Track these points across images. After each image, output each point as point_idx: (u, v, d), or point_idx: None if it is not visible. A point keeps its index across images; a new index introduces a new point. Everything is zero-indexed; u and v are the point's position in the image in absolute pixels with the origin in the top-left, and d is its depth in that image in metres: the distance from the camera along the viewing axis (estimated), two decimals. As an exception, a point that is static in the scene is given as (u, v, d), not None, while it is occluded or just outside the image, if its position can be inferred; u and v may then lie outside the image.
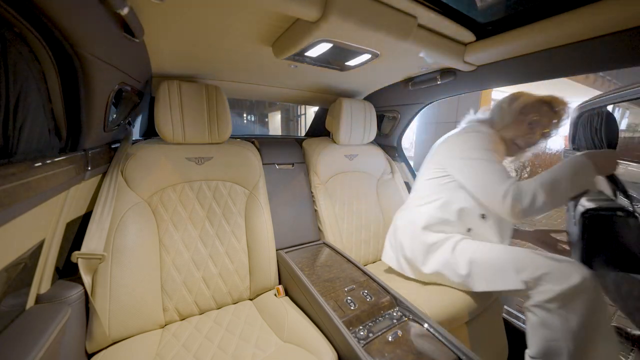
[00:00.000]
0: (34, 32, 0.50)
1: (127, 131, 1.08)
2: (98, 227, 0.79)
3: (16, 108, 0.48)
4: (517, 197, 0.86)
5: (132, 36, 0.65)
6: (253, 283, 1.09)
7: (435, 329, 0.77)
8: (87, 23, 0.54)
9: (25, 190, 0.48)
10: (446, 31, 0.84)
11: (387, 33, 0.73)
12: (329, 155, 1.42)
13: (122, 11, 0.54)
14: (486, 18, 0.82)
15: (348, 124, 1.40)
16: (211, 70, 1.11)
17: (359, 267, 1.06)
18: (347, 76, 1.21)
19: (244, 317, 0.97)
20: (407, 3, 0.69)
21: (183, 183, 1.03)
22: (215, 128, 1.04)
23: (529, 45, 0.80)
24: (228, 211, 1.09)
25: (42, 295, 0.69)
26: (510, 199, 0.86)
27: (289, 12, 0.64)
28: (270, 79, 1.25)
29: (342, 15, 0.64)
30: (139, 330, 0.86)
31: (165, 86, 0.96)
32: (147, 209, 0.95)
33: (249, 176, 1.14)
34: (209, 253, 1.03)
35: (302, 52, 0.85)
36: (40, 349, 0.54)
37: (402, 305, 0.87)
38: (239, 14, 0.70)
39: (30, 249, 0.60)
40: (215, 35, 0.81)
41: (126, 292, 0.84)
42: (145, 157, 0.96)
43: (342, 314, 0.81)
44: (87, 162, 0.73)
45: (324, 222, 1.34)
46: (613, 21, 0.64)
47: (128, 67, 0.78)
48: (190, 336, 0.87)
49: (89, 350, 0.78)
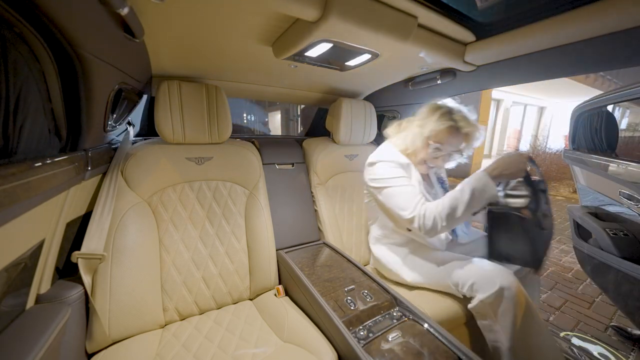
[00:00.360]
0: (34, 32, 0.50)
1: (127, 131, 1.09)
2: (98, 227, 0.79)
3: (16, 108, 0.48)
4: (420, 221, 0.94)
5: (132, 36, 0.65)
6: (253, 283, 1.09)
7: (435, 329, 0.77)
8: (87, 23, 0.54)
9: (25, 190, 0.48)
10: (446, 31, 0.84)
11: (387, 33, 0.73)
12: (329, 156, 1.42)
13: (122, 11, 0.54)
14: (486, 18, 0.82)
15: (348, 124, 1.40)
16: (211, 70, 1.11)
17: (359, 267, 1.06)
18: (347, 76, 1.21)
19: (244, 317, 0.97)
20: (407, 3, 0.69)
21: (183, 183, 1.03)
22: (215, 128, 1.04)
23: (529, 45, 0.80)
24: (228, 211, 1.09)
25: (42, 295, 0.69)
26: (415, 224, 0.95)
27: (289, 12, 0.64)
28: (270, 79, 1.25)
29: (342, 15, 0.64)
30: (139, 330, 0.86)
31: (165, 86, 0.96)
32: (147, 209, 0.95)
33: (249, 176, 1.14)
34: (209, 253, 1.03)
35: (302, 52, 0.85)
36: (40, 349, 0.54)
37: (402, 305, 0.87)
38: (239, 14, 0.70)
39: (30, 249, 0.60)
40: (215, 35, 0.81)
41: (126, 292, 0.84)
42: (145, 157, 0.96)
43: (342, 314, 0.81)
44: (87, 162, 0.73)
45: (324, 222, 1.34)
46: (613, 21, 0.64)
47: (128, 67, 0.78)
48: (190, 336, 0.87)
49: (89, 350, 0.78)
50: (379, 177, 1.06)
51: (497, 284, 0.86)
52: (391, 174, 1.04)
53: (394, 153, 1.11)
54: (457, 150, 1.09)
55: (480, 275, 0.91)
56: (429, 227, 0.92)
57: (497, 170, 0.90)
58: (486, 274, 0.90)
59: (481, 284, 0.89)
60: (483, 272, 0.91)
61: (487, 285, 0.87)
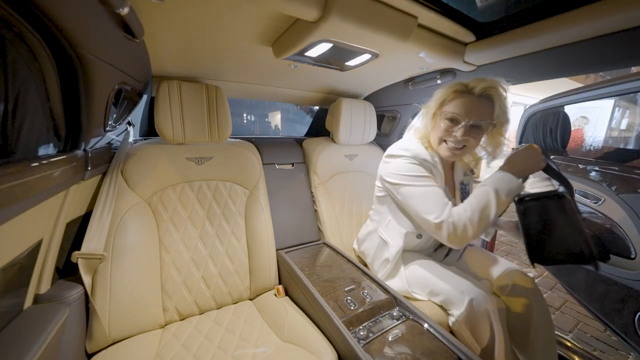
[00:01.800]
0: (34, 32, 0.50)
1: (127, 131, 1.09)
2: (98, 227, 0.79)
3: (15, 108, 0.48)
4: (449, 228, 0.82)
5: (132, 36, 0.65)
6: (253, 283, 1.09)
7: (435, 329, 0.77)
8: (87, 23, 0.54)
9: (23, 190, 0.48)
10: (446, 31, 0.84)
11: (387, 33, 0.73)
12: (329, 155, 1.42)
13: (122, 11, 0.54)
14: (486, 18, 0.82)
15: (348, 124, 1.40)
16: (211, 70, 1.11)
17: (359, 267, 1.06)
18: (347, 76, 1.21)
19: (244, 317, 0.97)
20: (407, 3, 0.69)
21: (183, 183, 1.03)
22: (215, 128, 1.04)
23: (529, 45, 0.80)
24: (228, 211, 1.09)
25: (42, 295, 0.69)
26: (444, 232, 0.83)
27: (289, 12, 0.64)
28: (270, 79, 1.25)
29: (342, 15, 0.64)
30: (139, 330, 0.86)
31: (165, 86, 0.96)
32: (147, 209, 0.95)
33: (249, 176, 1.14)
34: (209, 253, 1.03)
35: (302, 52, 0.85)
36: (38, 349, 0.54)
37: (402, 305, 0.87)
38: (239, 14, 0.70)
39: (27, 249, 0.60)
40: (215, 35, 0.81)
41: (126, 292, 0.84)
42: (145, 157, 0.96)
43: (342, 314, 0.81)
44: (87, 162, 0.73)
45: (324, 222, 1.34)
46: (613, 21, 0.64)
47: (128, 67, 0.78)
48: (190, 336, 0.87)
49: (89, 350, 0.78)
50: (399, 173, 0.95)
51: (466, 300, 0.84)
52: (414, 170, 0.93)
53: (417, 147, 0.98)
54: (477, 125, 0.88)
55: (450, 293, 0.89)
56: (460, 234, 0.81)
57: (517, 166, 0.81)
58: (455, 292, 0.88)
59: (451, 300, 0.88)
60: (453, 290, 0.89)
61: (457, 302, 0.86)
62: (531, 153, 0.83)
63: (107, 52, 0.64)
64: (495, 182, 0.81)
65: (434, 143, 0.97)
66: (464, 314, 0.84)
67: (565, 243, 0.73)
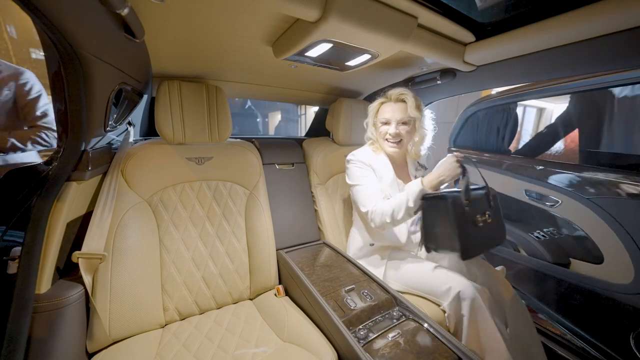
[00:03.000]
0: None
1: (127, 131, 1.09)
2: (98, 227, 0.79)
3: None
4: (371, 216, 1.05)
5: (132, 36, 0.65)
6: (253, 283, 1.09)
7: (435, 328, 0.77)
8: (87, 23, 0.54)
9: None
10: (446, 31, 0.84)
11: (387, 33, 0.73)
12: (329, 156, 1.42)
13: (123, 12, 0.54)
14: (486, 18, 0.82)
15: (348, 124, 1.40)
16: (211, 70, 1.12)
17: (359, 267, 1.06)
18: (347, 76, 1.21)
19: (244, 317, 0.97)
20: (407, 3, 0.69)
21: (183, 183, 1.03)
22: (215, 128, 1.04)
23: (528, 45, 0.80)
24: (228, 211, 1.09)
25: (43, 294, 0.69)
26: (369, 218, 1.07)
27: (289, 12, 0.64)
28: (270, 79, 1.25)
29: (342, 15, 0.64)
30: (139, 329, 0.86)
31: (166, 86, 0.96)
32: (147, 208, 0.95)
33: (249, 176, 1.14)
34: (209, 253, 1.03)
35: (302, 52, 0.85)
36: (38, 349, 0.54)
37: (402, 305, 0.87)
38: (239, 14, 0.70)
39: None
40: (215, 35, 0.81)
41: (126, 291, 0.84)
42: (146, 157, 0.96)
43: (342, 314, 0.81)
44: (87, 162, 0.73)
45: (324, 222, 1.34)
46: (613, 21, 0.64)
47: (128, 67, 0.78)
48: (190, 336, 0.87)
49: (90, 350, 0.78)
50: (351, 175, 1.17)
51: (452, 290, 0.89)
52: (359, 172, 1.14)
53: (364, 152, 1.18)
54: (402, 120, 1.10)
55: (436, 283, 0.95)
56: (377, 223, 1.04)
57: (432, 181, 0.97)
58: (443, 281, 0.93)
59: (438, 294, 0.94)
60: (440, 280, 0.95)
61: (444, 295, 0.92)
62: (448, 164, 0.96)
63: (107, 52, 0.64)
64: (410, 191, 0.98)
65: (381, 145, 1.19)
66: (453, 304, 0.89)
67: (443, 235, 0.91)
